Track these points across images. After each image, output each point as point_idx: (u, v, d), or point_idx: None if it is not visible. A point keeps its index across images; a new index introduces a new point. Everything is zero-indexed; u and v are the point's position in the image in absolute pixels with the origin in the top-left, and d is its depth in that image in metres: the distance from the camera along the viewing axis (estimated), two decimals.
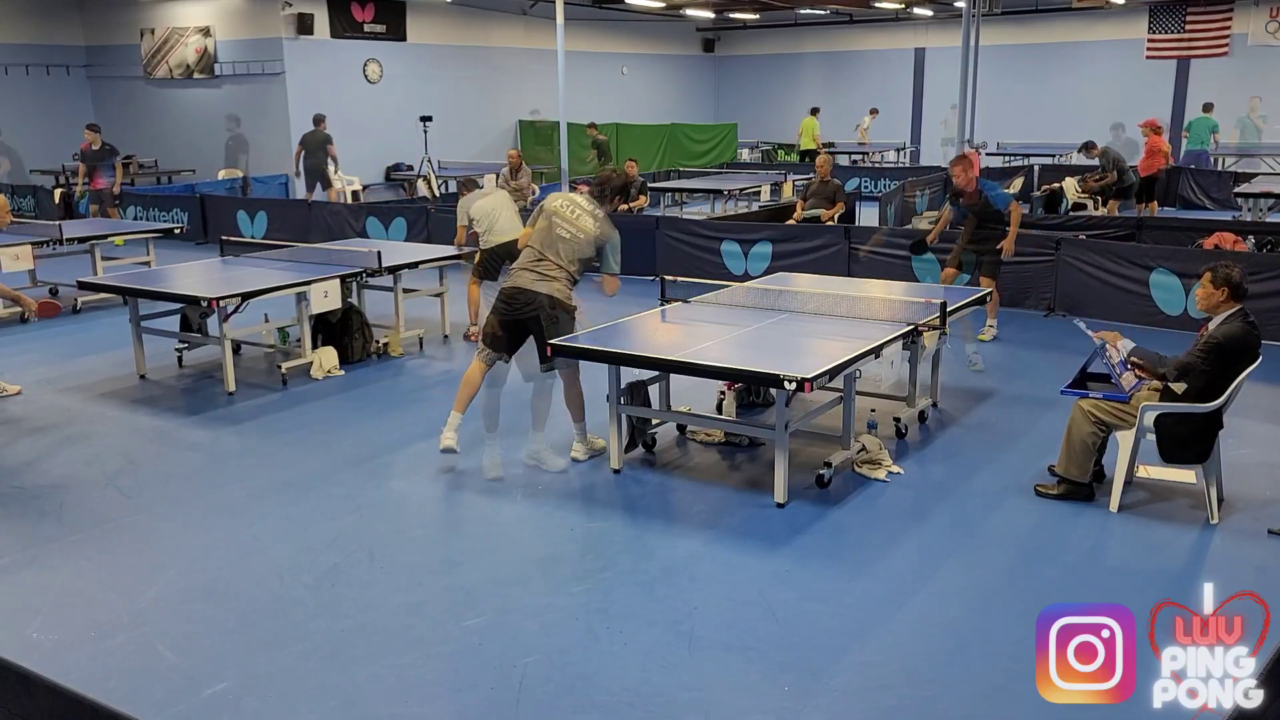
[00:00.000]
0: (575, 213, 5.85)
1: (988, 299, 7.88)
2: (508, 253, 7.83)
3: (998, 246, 8.41)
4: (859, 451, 5.89)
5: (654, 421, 6.18)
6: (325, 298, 7.80)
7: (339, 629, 4.19)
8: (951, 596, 4.45)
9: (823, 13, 24.98)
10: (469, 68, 21.46)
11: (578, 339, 5.80)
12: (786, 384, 4.97)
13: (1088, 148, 15.08)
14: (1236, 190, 14.88)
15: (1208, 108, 18.83)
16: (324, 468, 6.03)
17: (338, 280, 7.91)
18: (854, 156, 22.80)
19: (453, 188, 19.13)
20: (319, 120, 16.50)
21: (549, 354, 5.68)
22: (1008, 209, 8.41)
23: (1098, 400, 5.28)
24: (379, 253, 8.29)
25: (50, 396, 7.51)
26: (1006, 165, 20.23)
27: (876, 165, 22.35)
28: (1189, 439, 5.07)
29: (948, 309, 6.28)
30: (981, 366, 7.91)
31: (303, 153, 16.36)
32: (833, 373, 5.25)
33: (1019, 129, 22.88)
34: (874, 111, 23.58)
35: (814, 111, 22.00)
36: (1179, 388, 5.13)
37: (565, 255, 5.78)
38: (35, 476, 5.94)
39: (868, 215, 14.44)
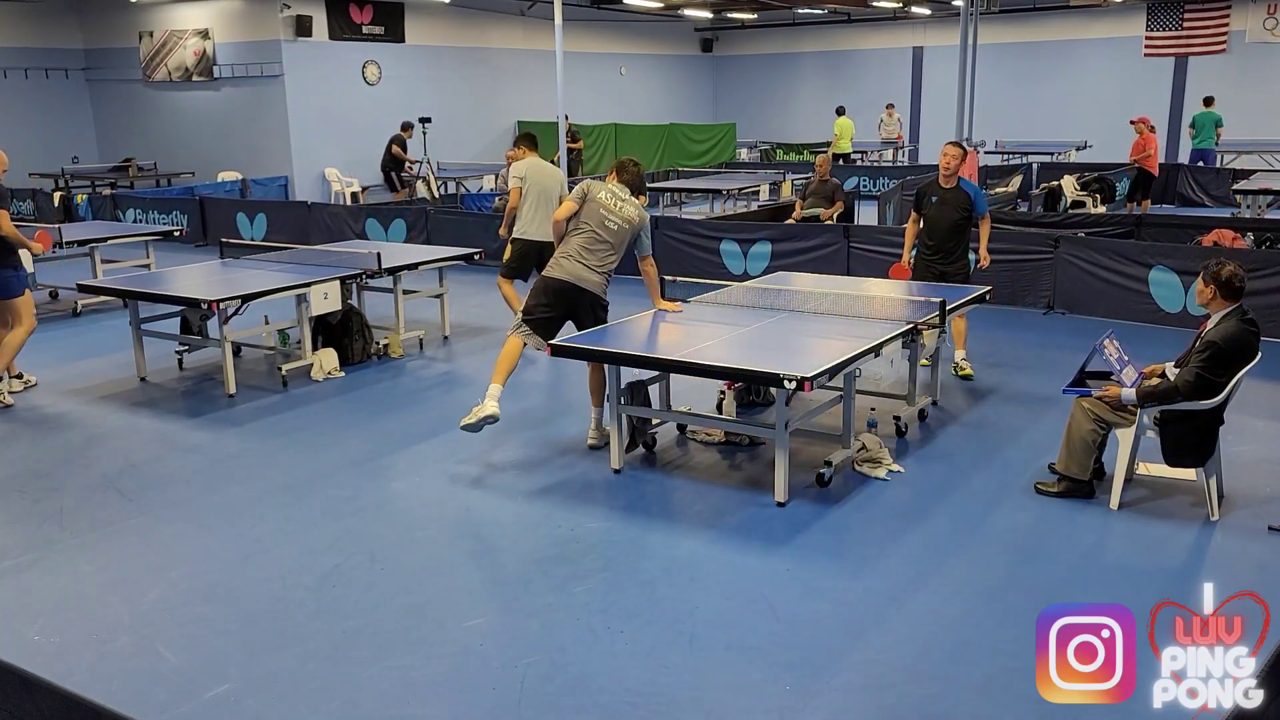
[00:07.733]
0: (618, 203, 6.05)
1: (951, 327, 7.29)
2: (538, 255, 7.87)
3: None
4: (859, 450, 5.90)
5: (654, 421, 6.19)
6: (325, 299, 7.80)
7: (340, 630, 4.20)
8: (952, 595, 4.45)
9: (820, 12, 25.01)
10: (468, 69, 21.47)
11: (578, 339, 5.83)
12: (786, 383, 4.97)
13: None
14: (1235, 187, 14.89)
15: (1209, 101, 18.41)
16: (325, 469, 6.04)
17: (338, 282, 7.92)
18: (853, 156, 22.79)
19: (452, 189, 19.16)
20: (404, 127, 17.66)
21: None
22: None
23: (1098, 398, 5.28)
24: (379, 254, 8.30)
25: (51, 399, 7.51)
26: (1005, 163, 20.23)
27: (875, 164, 22.34)
28: (1193, 441, 5.06)
29: (947, 308, 6.28)
30: (970, 371, 7.59)
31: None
32: (832, 371, 5.26)
33: (1017, 127, 22.89)
34: (890, 108, 23.59)
35: (840, 111, 21.48)
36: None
37: (615, 245, 6.04)
38: (36, 479, 5.94)
39: (866, 214, 14.44)
